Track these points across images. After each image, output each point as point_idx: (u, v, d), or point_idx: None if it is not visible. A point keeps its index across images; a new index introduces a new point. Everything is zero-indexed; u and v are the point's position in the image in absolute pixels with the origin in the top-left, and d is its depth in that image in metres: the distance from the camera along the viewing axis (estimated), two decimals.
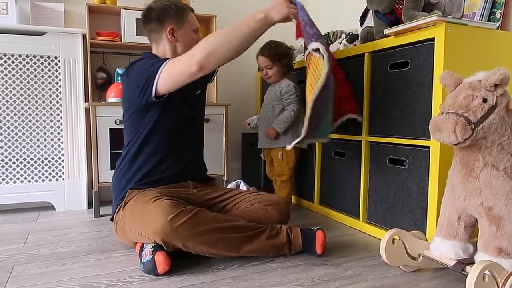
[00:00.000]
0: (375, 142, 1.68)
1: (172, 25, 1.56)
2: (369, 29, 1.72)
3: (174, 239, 1.26)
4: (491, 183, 1.10)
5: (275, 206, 1.56)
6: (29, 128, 2.09)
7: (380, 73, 1.65)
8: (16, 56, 2.04)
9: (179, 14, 1.58)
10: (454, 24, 1.36)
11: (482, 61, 1.44)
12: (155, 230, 1.26)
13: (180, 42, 1.59)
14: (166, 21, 1.56)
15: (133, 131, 1.56)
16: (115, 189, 1.59)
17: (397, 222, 1.57)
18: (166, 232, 1.25)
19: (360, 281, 1.23)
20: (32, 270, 1.33)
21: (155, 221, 1.27)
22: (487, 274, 1.02)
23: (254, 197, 1.59)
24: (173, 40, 1.58)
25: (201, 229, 1.28)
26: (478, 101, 1.07)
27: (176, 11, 1.57)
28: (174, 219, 1.25)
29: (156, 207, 1.30)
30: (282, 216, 1.55)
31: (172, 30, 1.57)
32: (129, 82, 1.52)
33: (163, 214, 1.26)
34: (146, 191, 1.46)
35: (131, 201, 1.45)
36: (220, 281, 1.24)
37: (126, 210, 1.44)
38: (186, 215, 1.27)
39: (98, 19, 2.33)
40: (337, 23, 2.60)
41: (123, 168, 1.57)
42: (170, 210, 1.27)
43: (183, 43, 1.59)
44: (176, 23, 1.57)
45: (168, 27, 1.56)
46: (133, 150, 1.55)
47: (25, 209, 2.22)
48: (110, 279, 1.26)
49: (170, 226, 1.24)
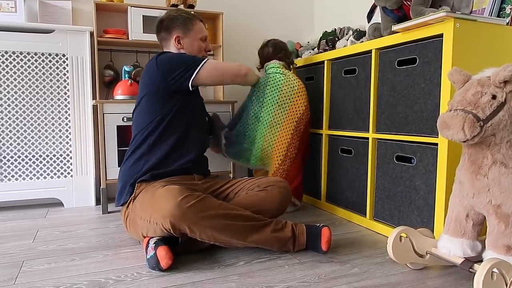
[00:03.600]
0: (382, 139, 1.68)
1: (179, 34, 1.72)
2: (377, 26, 1.71)
3: (182, 222, 1.28)
4: (500, 181, 1.09)
5: (275, 186, 1.59)
6: (38, 126, 2.11)
7: (388, 69, 1.64)
8: (24, 54, 2.06)
9: (186, 23, 1.72)
10: (463, 20, 1.35)
11: (491, 58, 1.42)
12: (164, 213, 1.29)
13: (185, 49, 1.73)
14: (173, 30, 1.72)
15: (147, 119, 1.60)
16: (123, 176, 1.60)
17: (404, 220, 1.56)
18: (174, 214, 1.27)
19: (367, 279, 1.23)
20: (42, 266, 1.35)
21: (164, 204, 1.30)
22: (495, 272, 1.01)
23: (252, 182, 1.64)
24: (179, 47, 1.73)
25: (208, 213, 1.31)
26: (487, 98, 1.06)
27: (183, 21, 1.72)
28: (182, 201, 1.29)
29: (166, 192, 1.34)
30: (283, 194, 1.58)
31: (178, 38, 1.72)
32: (159, 66, 1.59)
33: (172, 197, 1.30)
34: (154, 183, 1.50)
35: (140, 194, 1.48)
36: (227, 278, 1.24)
37: (135, 203, 1.47)
38: (194, 198, 1.31)
39: (105, 16, 2.35)
40: (344, 19, 2.60)
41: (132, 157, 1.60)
42: (178, 193, 1.31)
43: (189, 50, 1.73)
44: (182, 32, 1.72)
45: (174, 35, 1.71)
46: (144, 137, 1.59)
47: (34, 205, 2.25)
48: (118, 275, 1.27)
49: (179, 208, 1.27)
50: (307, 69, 2.24)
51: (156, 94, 1.59)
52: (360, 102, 1.81)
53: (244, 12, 2.75)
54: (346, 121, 1.91)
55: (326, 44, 2.26)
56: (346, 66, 1.90)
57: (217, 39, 2.46)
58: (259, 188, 1.59)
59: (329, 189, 2.07)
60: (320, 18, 2.89)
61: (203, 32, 1.77)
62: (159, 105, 1.59)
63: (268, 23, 2.82)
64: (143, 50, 2.42)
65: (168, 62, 1.60)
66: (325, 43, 2.26)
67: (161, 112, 1.59)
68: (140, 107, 1.63)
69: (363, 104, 1.78)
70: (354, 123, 1.85)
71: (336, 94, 1.98)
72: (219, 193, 1.64)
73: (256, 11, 2.79)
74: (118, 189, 1.61)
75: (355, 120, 1.84)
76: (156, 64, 1.60)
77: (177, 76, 1.58)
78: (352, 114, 1.86)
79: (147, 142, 1.59)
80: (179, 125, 1.62)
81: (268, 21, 2.82)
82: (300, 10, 2.92)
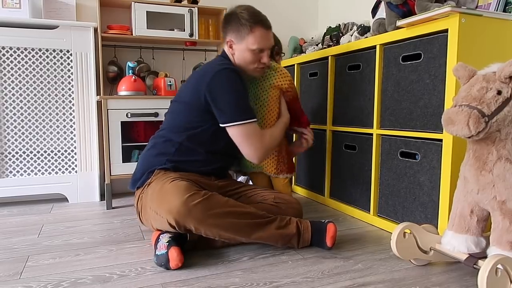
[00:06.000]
0: (387, 135, 1.67)
1: (231, 38, 1.55)
2: (381, 21, 1.70)
3: (187, 219, 1.28)
4: (505, 177, 1.08)
5: (288, 206, 1.58)
6: (42, 122, 2.12)
7: (392, 65, 1.63)
8: (29, 50, 2.07)
9: (240, 29, 1.52)
10: (468, 15, 1.33)
11: (497, 53, 1.41)
12: (170, 210, 1.29)
13: (236, 57, 1.57)
14: (227, 32, 1.57)
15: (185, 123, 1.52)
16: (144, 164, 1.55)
17: (408, 216, 1.56)
18: (180, 212, 1.27)
19: (371, 274, 1.23)
20: (47, 261, 1.36)
21: (170, 201, 1.30)
22: (499, 268, 1.01)
23: (269, 194, 1.61)
24: (231, 52, 1.58)
25: (214, 211, 1.30)
26: (492, 93, 1.05)
27: (238, 25, 1.52)
28: (188, 199, 1.28)
29: (173, 187, 1.34)
30: (295, 216, 1.53)
31: (231, 42, 1.56)
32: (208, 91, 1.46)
33: (178, 194, 1.29)
34: (170, 173, 1.46)
35: (154, 181, 1.45)
36: (230, 273, 1.25)
37: (148, 189, 1.46)
38: (200, 196, 1.30)
39: (109, 12, 2.35)
40: (349, 15, 2.58)
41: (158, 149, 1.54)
42: (185, 191, 1.30)
43: (239, 59, 1.57)
44: (235, 37, 1.54)
45: (227, 38, 1.57)
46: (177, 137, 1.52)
47: (39, 201, 2.26)
48: (122, 270, 1.27)
49: (185, 206, 1.27)
50: (311, 65, 2.23)
51: (197, 108, 1.50)
52: (364, 98, 1.80)
53: None
54: (350, 117, 1.90)
55: (330, 39, 2.25)
56: (351, 62, 1.90)
57: (220, 35, 2.45)
58: (273, 202, 1.56)
59: (333, 185, 2.07)
60: (324, 14, 2.88)
61: (261, 44, 1.53)
62: (199, 117, 1.51)
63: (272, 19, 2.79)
64: (147, 46, 2.42)
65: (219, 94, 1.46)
66: (329, 39, 2.26)
67: (199, 125, 1.51)
68: (181, 107, 1.55)
69: (367, 100, 1.78)
70: (358, 119, 1.84)
71: (340, 90, 1.98)
72: (232, 194, 1.61)
73: (260, 6, 2.76)
74: (135, 174, 1.57)
75: (359, 116, 1.84)
76: (207, 86, 1.46)
77: (217, 112, 1.47)
78: (356, 110, 1.85)
79: (178, 144, 1.52)
80: (214, 141, 1.55)
81: (272, 16, 2.80)
82: (304, 5, 2.91)
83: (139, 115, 2.09)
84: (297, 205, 1.61)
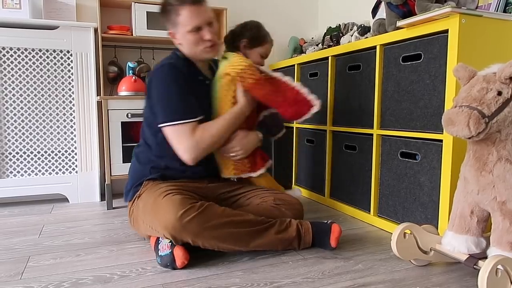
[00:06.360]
0: (387, 136, 1.67)
1: (170, 29, 1.50)
2: (381, 21, 1.70)
3: (183, 234, 1.27)
4: (505, 177, 1.08)
5: (289, 207, 1.53)
6: (43, 122, 2.12)
7: (392, 65, 1.63)
8: (29, 50, 2.07)
9: (170, 16, 1.46)
10: (469, 16, 1.33)
11: (497, 53, 1.41)
12: (165, 226, 1.27)
13: (183, 45, 1.50)
14: (165, 26, 1.50)
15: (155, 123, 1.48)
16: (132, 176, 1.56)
17: (409, 216, 1.56)
18: (175, 228, 1.25)
19: (371, 275, 1.23)
20: (47, 261, 1.36)
21: (165, 217, 1.27)
22: (500, 269, 1.01)
23: (268, 195, 1.57)
24: (177, 43, 1.52)
25: (210, 224, 1.28)
26: (492, 94, 1.06)
27: (167, 13, 1.46)
28: (183, 215, 1.25)
29: (166, 203, 1.30)
30: (296, 217, 1.51)
31: (172, 34, 1.50)
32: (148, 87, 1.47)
33: (173, 210, 1.26)
34: (160, 183, 1.45)
35: (144, 193, 1.45)
36: (231, 273, 1.25)
37: (139, 202, 1.45)
38: (195, 210, 1.27)
39: (110, 13, 2.35)
40: (349, 15, 2.58)
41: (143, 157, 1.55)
42: (179, 206, 1.27)
43: (185, 47, 1.50)
44: (172, 27, 1.48)
45: (169, 32, 1.51)
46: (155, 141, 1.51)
47: (40, 201, 2.26)
48: (123, 270, 1.28)
49: (180, 222, 1.25)
50: (311, 65, 2.24)
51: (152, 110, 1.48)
52: (364, 98, 1.80)
53: (248, 8, 2.74)
54: (350, 117, 1.90)
55: (331, 40, 2.25)
56: (351, 62, 1.90)
57: (221, 35, 2.45)
58: (273, 203, 1.52)
59: (333, 185, 2.07)
60: (324, 14, 2.88)
61: (194, 21, 1.43)
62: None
63: (272, 19, 2.81)
64: (147, 46, 2.42)
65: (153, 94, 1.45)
66: (329, 39, 2.26)
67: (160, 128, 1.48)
68: (147, 111, 1.53)
69: (368, 100, 1.78)
70: (358, 119, 1.85)
71: (340, 90, 1.98)
72: (229, 197, 1.58)
73: (260, 6, 2.78)
74: (126, 186, 1.58)
75: (359, 116, 1.84)
76: (147, 86, 1.48)
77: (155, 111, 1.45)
78: (357, 110, 1.86)
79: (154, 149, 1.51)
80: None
81: (272, 16, 2.82)
82: (304, 5, 2.91)
83: (140, 115, 2.09)
84: (298, 205, 1.58)
